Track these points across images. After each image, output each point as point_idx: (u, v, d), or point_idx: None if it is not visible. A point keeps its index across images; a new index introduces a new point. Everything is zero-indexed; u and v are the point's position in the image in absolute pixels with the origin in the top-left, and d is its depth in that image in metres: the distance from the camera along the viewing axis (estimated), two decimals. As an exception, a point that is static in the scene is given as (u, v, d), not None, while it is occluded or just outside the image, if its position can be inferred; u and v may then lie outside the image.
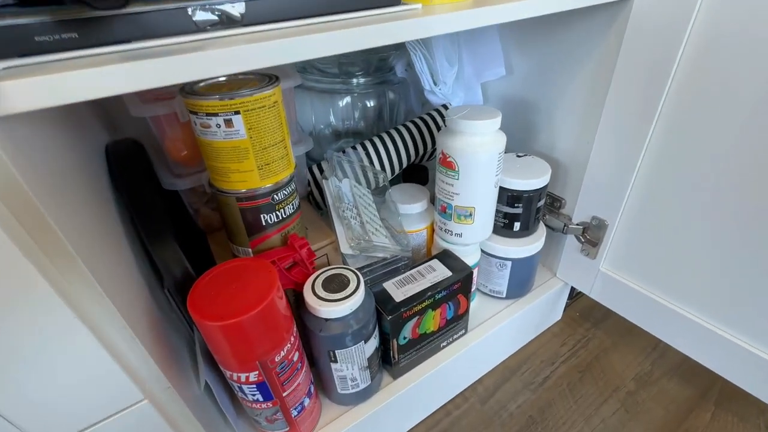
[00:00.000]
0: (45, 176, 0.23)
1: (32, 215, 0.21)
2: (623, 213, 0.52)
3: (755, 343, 0.45)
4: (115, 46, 0.23)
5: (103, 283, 0.25)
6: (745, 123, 0.38)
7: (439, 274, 0.49)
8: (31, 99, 0.18)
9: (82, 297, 0.23)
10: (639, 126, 0.46)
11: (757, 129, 0.38)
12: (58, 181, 0.26)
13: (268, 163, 0.36)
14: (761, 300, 0.43)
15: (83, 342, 0.24)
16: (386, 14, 0.31)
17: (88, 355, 0.24)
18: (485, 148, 0.45)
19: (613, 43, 0.46)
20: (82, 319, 0.23)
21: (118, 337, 0.26)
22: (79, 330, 0.23)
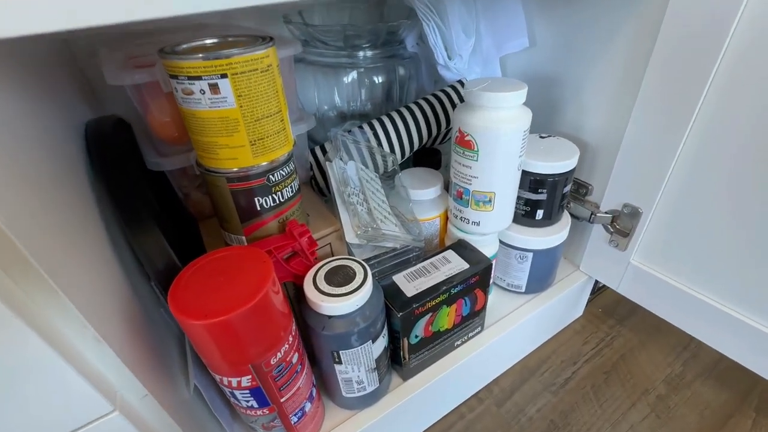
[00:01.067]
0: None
1: None
2: (660, 200, 0.47)
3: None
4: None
5: (56, 277, 0.20)
6: None
7: (454, 266, 0.44)
8: None
9: (30, 293, 0.19)
10: (684, 101, 0.40)
11: None
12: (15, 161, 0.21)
13: (262, 137, 0.31)
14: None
15: (31, 346, 0.19)
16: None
17: (38, 362, 0.20)
18: (509, 124, 0.39)
19: (655, 4, 0.40)
20: (26, 319, 0.19)
21: (78, 340, 0.22)
22: (22, 332, 0.19)
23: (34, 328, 0.19)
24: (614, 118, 0.48)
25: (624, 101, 0.46)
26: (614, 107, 0.48)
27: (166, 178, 0.43)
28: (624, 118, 0.46)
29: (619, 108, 0.47)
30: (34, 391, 0.20)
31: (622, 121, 0.46)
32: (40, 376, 0.20)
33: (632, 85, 0.44)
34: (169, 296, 0.28)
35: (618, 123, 0.47)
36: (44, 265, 0.19)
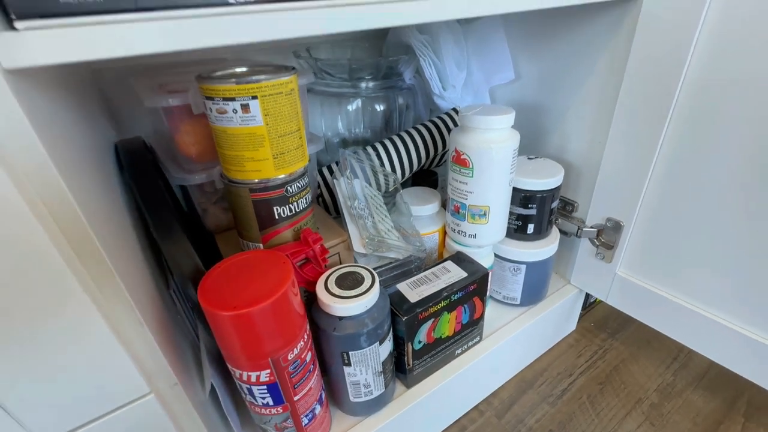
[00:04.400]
0: (72, 168, 0.22)
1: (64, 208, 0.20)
2: (639, 212, 0.51)
3: (787, 344, 0.43)
4: (140, 13, 0.22)
5: (119, 272, 0.23)
6: (764, 117, 0.38)
7: (453, 275, 0.47)
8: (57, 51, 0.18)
9: (102, 285, 0.22)
10: (653, 125, 0.46)
11: None
12: (83, 174, 0.25)
13: (283, 152, 0.35)
14: (791, 297, 0.41)
15: (96, 327, 0.22)
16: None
17: (99, 341, 0.22)
18: (500, 144, 0.44)
19: (623, 43, 0.46)
20: (98, 305, 0.21)
21: (129, 326, 0.24)
22: (93, 316, 0.21)
23: (101, 312, 0.22)
24: (593, 141, 0.54)
25: (601, 126, 0.52)
26: (593, 131, 0.53)
27: (187, 194, 0.46)
28: (602, 141, 0.52)
29: (597, 132, 0.52)
30: (89, 362, 0.23)
31: (601, 144, 0.52)
32: (97, 350, 0.22)
33: (607, 112, 0.50)
34: (198, 291, 0.30)
35: (597, 145, 0.53)
36: (111, 260, 0.22)
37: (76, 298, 0.21)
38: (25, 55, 0.17)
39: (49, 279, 0.20)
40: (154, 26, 0.20)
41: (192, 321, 0.45)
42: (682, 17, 0.40)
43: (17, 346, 0.20)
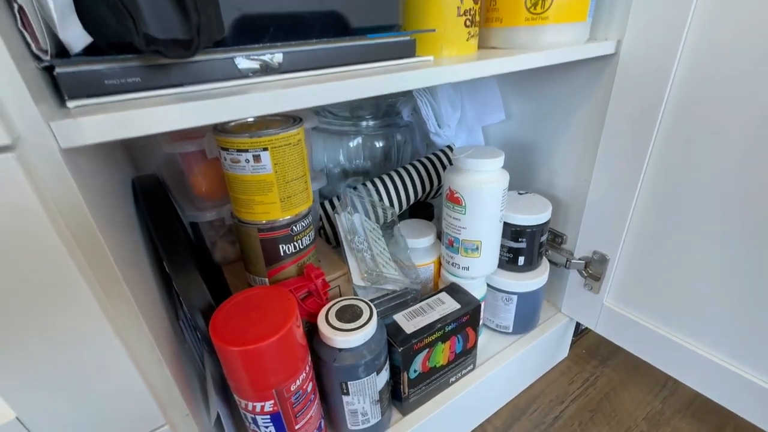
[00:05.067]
0: (99, 205, 0.25)
1: (91, 242, 0.22)
2: (623, 247, 0.55)
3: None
4: (171, 89, 0.26)
5: (138, 305, 0.26)
6: (730, 156, 0.41)
7: (447, 307, 0.50)
8: (105, 132, 0.21)
9: (122, 316, 0.25)
10: (632, 164, 0.49)
11: (742, 161, 0.41)
12: (107, 209, 0.28)
13: (290, 195, 0.38)
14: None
15: (117, 359, 0.25)
16: (402, 65, 0.35)
17: (120, 372, 0.25)
18: (490, 184, 0.48)
19: (603, 91, 0.50)
20: (121, 339, 0.24)
21: (147, 359, 0.27)
22: (116, 347, 0.24)
23: (124, 345, 0.24)
24: (579, 178, 0.57)
25: (586, 163, 0.55)
26: (578, 169, 0.57)
27: (197, 227, 0.49)
28: (587, 179, 0.55)
29: (583, 170, 0.56)
30: (114, 395, 0.25)
31: (586, 181, 0.55)
32: (118, 381, 0.25)
33: (591, 151, 0.54)
34: (210, 327, 0.33)
35: (583, 182, 0.56)
36: (133, 296, 0.25)
37: (104, 337, 0.23)
38: (78, 137, 0.21)
39: (82, 315, 0.22)
40: (185, 107, 0.23)
41: (199, 350, 0.47)
42: (656, 68, 0.44)
43: (50, 373, 0.23)
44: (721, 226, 0.44)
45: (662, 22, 0.42)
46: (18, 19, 0.20)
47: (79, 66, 0.23)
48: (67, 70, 0.22)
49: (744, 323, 0.45)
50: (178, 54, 0.21)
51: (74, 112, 0.23)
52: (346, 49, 0.31)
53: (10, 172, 0.18)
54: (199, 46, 0.21)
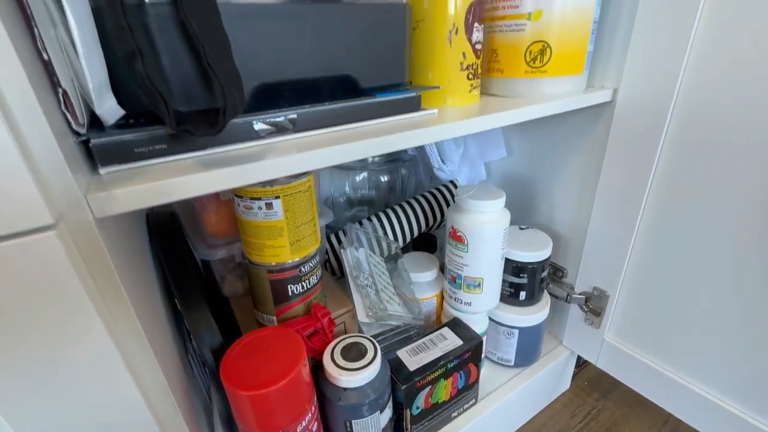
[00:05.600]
0: (120, 250, 0.27)
1: (111, 285, 0.24)
2: (623, 284, 0.56)
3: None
4: (193, 153, 0.28)
5: (149, 338, 0.27)
6: (727, 195, 0.42)
7: (450, 343, 0.51)
8: (135, 202, 0.23)
9: (133, 348, 0.26)
10: (631, 204, 0.51)
11: (739, 201, 0.42)
12: (126, 251, 0.29)
13: (299, 239, 0.40)
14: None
15: (126, 388, 0.25)
16: (409, 119, 0.37)
17: (127, 400, 0.25)
18: (492, 225, 0.49)
19: (600, 134, 0.52)
20: (130, 368, 0.25)
21: (155, 389, 0.28)
22: (125, 378, 0.25)
23: (132, 373, 0.25)
24: (579, 214, 0.58)
25: (586, 201, 0.57)
26: (579, 205, 0.58)
27: (207, 263, 0.51)
28: (586, 216, 0.57)
29: (583, 206, 0.57)
30: (116, 420, 0.26)
31: (585, 219, 0.57)
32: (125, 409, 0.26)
33: (590, 189, 0.55)
34: (221, 370, 0.34)
35: (583, 218, 0.58)
36: (144, 328, 0.27)
37: (115, 367, 0.24)
38: (111, 207, 0.22)
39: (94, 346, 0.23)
40: (209, 175, 0.25)
41: (206, 384, 0.48)
42: (651, 116, 0.46)
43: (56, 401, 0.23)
44: (720, 265, 0.45)
45: (657, 71, 0.44)
46: (62, 101, 0.22)
47: (112, 137, 0.25)
48: (101, 142, 0.24)
49: (743, 364, 0.46)
50: (205, 133, 0.23)
51: (106, 178, 0.25)
52: (355, 107, 0.34)
53: (52, 250, 0.19)
54: (225, 125, 0.23)
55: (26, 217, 0.19)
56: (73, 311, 0.22)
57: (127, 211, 0.23)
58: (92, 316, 0.22)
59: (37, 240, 0.19)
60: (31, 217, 0.19)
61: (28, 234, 0.19)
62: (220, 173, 0.25)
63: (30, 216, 0.19)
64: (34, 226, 0.19)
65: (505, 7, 0.42)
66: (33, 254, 0.19)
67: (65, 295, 0.21)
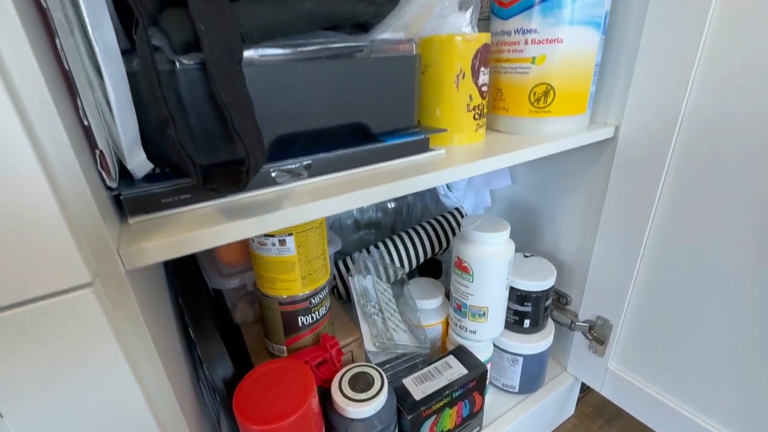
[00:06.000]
0: (143, 286, 0.29)
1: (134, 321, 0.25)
2: (626, 313, 0.56)
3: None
4: (214, 201, 0.29)
5: (163, 363, 0.28)
6: (730, 228, 0.43)
7: (455, 372, 0.52)
8: (163, 254, 0.24)
9: (150, 379, 0.27)
10: (634, 235, 0.52)
11: (741, 234, 0.43)
12: (147, 284, 0.31)
13: (311, 273, 0.41)
14: None
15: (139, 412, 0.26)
16: (417, 160, 0.38)
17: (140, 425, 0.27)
18: (497, 256, 0.50)
19: (603, 168, 0.54)
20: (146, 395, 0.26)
21: (167, 414, 0.29)
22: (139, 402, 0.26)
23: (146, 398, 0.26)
24: (583, 242, 0.60)
25: (589, 230, 0.58)
26: (582, 234, 0.59)
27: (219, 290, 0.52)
28: (590, 245, 0.58)
29: (586, 235, 0.59)
30: None
31: (589, 249, 0.58)
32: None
33: (593, 220, 0.56)
34: (234, 404, 0.35)
35: (586, 247, 0.59)
36: (159, 355, 0.28)
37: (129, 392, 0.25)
38: (141, 260, 0.24)
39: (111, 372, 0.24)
40: (230, 227, 0.26)
41: (216, 410, 0.49)
42: (653, 152, 0.47)
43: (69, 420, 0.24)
44: (723, 296, 0.46)
45: (657, 110, 0.45)
46: (98, 161, 0.24)
47: (141, 190, 0.27)
48: (131, 195, 0.26)
49: (745, 396, 0.46)
50: (230, 192, 0.24)
51: (134, 228, 0.26)
52: (366, 152, 0.35)
53: (88, 305, 0.21)
54: (248, 183, 0.24)
55: (66, 277, 0.20)
56: (102, 353, 0.23)
57: (155, 262, 0.25)
58: (118, 356, 0.24)
59: (75, 297, 0.21)
60: (71, 276, 0.20)
61: (67, 292, 0.21)
62: (240, 225, 0.27)
63: (70, 275, 0.20)
64: (73, 285, 0.21)
65: (510, 51, 0.44)
66: (69, 310, 0.21)
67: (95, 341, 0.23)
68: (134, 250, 0.24)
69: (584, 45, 0.42)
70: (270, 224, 0.28)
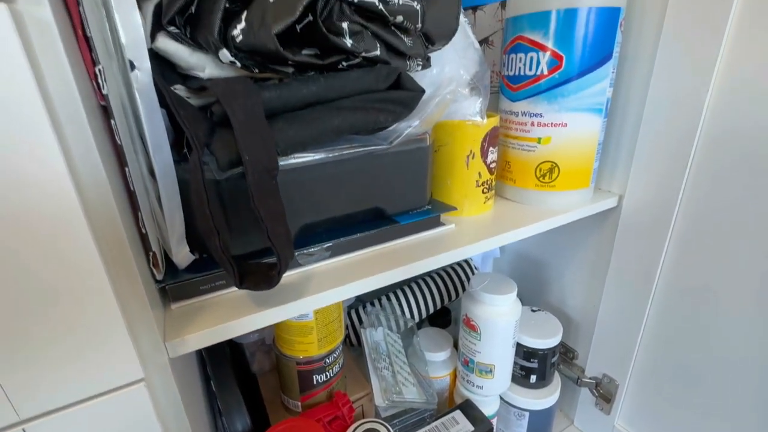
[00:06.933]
0: (180, 361, 0.32)
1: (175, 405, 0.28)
2: (632, 373, 0.57)
3: None
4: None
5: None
6: (733, 289, 0.45)
7: (461, 428, 0.53)
8: (201, 343, 0.28)
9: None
10: (639, 295, 0.53)
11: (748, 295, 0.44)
12: (183, 360, 0.34)
13: (327, 335, 0.44)
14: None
15: None
16: (430, 235, 0.41)
17: None
18: (504, 317, 0.52)
19: (609, 231, 0.56)
20: None
21: None
22: None
23: None
24: (589, 300, 0.61)
25: (595, 289, 0.59)
26: (588, 292, 0.61)
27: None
28: (596, 303, 0.59)
29: (592, 294, 0.60)
30: None
31: (595, 306, 0.59)
32: None
33: (600, 278, 0.58)
34: (253, 464, 0.38)
35: (593, 305, 0.60)
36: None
37: None
38: (183, 349, 0.27)
39: None
40: (261, 315, 0.30)
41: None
42: (656, 220, 0.49)
43: None
44: (729, 359, 0.47)
45: (661, 179, 0.48)
46: (150, 261, 0.28)
47: (183, 281, 0.30)
48: (175, 285, 0.30)
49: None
50: (262, 290, 0.28)
51: (176, 312, 0.30)
52: (383, 233, 0.38)
53: (142, 401, 0.24)
54: (279, 281, 0.28)
55: (123, 375, 0.24)
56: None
57: (196, 348, 0.28)
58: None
59: (130, 392, 0.24)
60: (128, 373, 0.24)
61: (122, 388, 0.24)
62: (269, 313, 0.30)
63: (126, 373, 0.24)
64: (129, 381, 0.24)
65: (517, 129, 0.47)
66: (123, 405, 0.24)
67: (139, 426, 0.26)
68: (178, 342, 0.27)
69: (587, 128, 0.45)
70: (296, 311, 0.31)
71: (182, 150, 0.28)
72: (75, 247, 0.21)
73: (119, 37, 0.24)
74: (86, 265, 0.21)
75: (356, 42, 0.27)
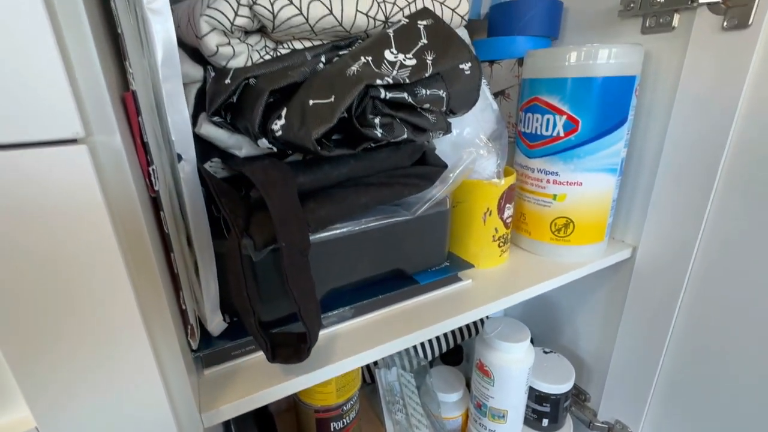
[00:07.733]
0: None
1: None
2: (645, 421, 0.57)
3: None
4: (273, 348, 0.34)
5: None
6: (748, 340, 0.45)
7: (474, 474, 0.54)
8: (233, 412, 0.29)
9: None
10: (653, 346, 0.54)
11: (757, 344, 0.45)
12: None
13: (344, 385, 0.45)
14: None
15: None
16: (448, 291, 0.42)
17: None
18: (517, 364, 0.53)
19: (622, 280, 0.56)
20: None
21: None
22: None
23: None
24: (602, 344, 0.62)
25: (608, 334, 0.60)
26: (601, 336, 0.62)
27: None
28: (609, 348, 0.60)
29: (605, 338, 0.61)
30: None
31: (609, 349, 0.60)
32: None
33: (614, 323, 0.58)
34: None
35: (606, 350, 0.61)
36: None
37: None
38: (217, 419, 0.29)
39: None
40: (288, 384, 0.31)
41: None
42: (670, 273, 0.50)
43: None
44: (744, 411, 0.47)
45: (674, 236, 0.48)
46: (187, 332, 0.29)
47: (216, 348, 0.32)
48: (208, 352, 0.31)
49: None
50: (294, 363, 0.29)
51: (208, 377, 0.31)
52: (403, 293, 0.40)
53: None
54: (309, 354, 0.29)
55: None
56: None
57: (231, 417, 0.29)
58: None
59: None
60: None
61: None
62: (297, 381, 0.31)
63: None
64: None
65: (533, 185, 0.49)
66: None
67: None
68: (213, 413, 0.28)
69: (602, 187, 0.46)
70: (322, 377, 0.33)
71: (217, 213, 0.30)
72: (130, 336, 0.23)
73: (169, 134, 0.26)
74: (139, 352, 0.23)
75: (386, 132, 0.29)
